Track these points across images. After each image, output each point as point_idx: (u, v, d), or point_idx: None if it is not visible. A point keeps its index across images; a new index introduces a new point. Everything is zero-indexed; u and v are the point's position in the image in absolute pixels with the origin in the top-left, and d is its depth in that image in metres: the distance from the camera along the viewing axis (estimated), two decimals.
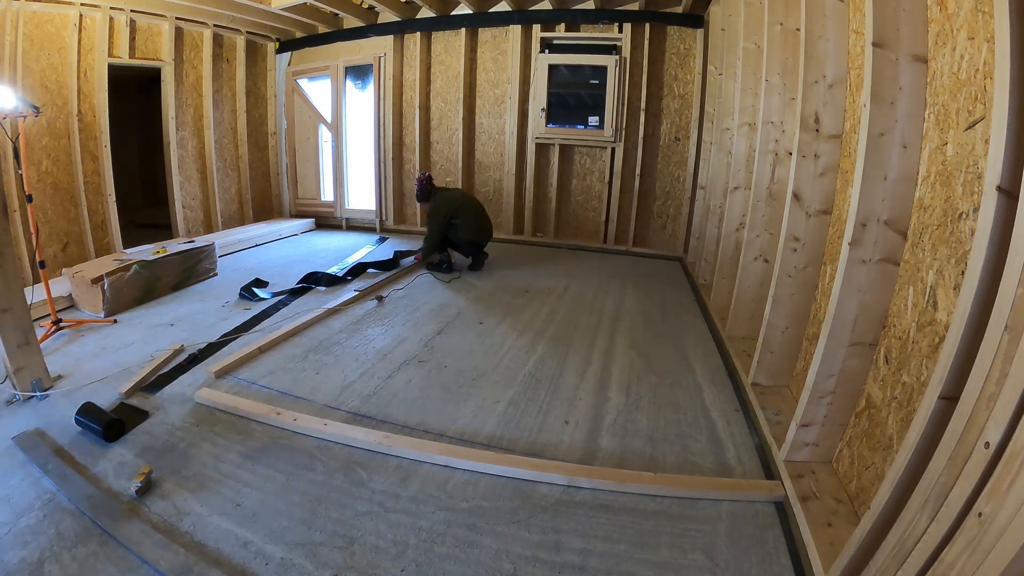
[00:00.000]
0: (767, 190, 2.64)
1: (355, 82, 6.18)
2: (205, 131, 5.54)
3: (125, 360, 2.63)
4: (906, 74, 1.44)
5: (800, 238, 2.13)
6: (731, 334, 2.92)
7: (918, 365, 1.36)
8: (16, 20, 3.86)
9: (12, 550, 1.43)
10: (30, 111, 2.85)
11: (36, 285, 3.19)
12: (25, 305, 2.26)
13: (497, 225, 5.98)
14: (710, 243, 4.03)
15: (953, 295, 1.24)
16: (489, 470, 1.84)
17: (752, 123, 3.12)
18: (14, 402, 2.22)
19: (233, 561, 1.44)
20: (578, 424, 2.18)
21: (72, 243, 4.39)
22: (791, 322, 2.21)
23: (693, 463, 1.94)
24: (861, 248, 1.53)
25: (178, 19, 5.02)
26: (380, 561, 1.45)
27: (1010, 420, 0.83)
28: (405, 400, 2.35)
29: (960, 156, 1.26)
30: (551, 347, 2.96)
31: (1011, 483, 0.80)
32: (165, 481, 1.75)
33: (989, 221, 0.97)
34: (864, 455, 1.57)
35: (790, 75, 2.49)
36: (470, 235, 4.46)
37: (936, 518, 0.96)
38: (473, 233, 4.46)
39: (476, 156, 5.94)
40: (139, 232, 5.37)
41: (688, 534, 1.57)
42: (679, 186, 5.32)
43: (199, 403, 2.25)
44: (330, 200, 6.49)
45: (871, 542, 1.17)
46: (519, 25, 5.35)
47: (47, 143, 4.18)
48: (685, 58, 5.05)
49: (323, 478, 1.80)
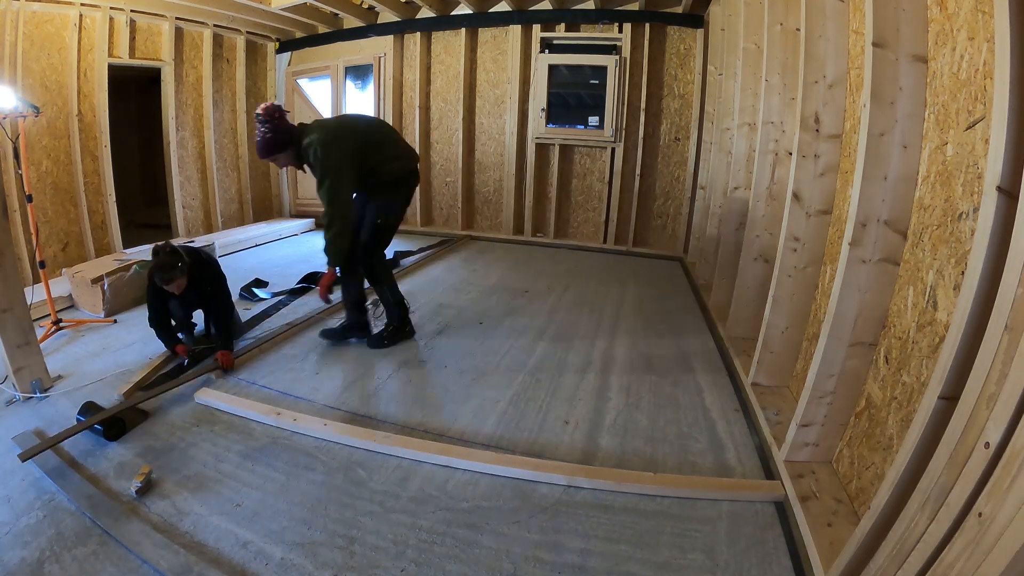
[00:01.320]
0: (767, 190, 2.64)
1: (355, 82, 6.18)
2: (205, 131, 5.54)
3: (125, 360, 2.63)
4: (906, 74, 1.44)
5: (800, 238, 2.13)
6: (731, 334, 2.92)
7: (918, 365, 1.36)
8: (16, 20, 3.86)
9: (12, 550, 1.43)
10: (30, 111, 2.85)
11: (36, 285, 3.19)
12: (25, 305, 2.26)
13: (497, 225, 6.01)
14: (710, 243, 4.04)
15: (953, 295, 1.24)
16: (489, 470, 1.84)
17: (752, 123, 3.12)
18: (14, 402, 2.22)
19: (233, 561, 1.44)
20: (578, 424, 2.18)
21: (72, 243, 4.39)
22: (791, 322, 2.21)
23: (693, 463, 1.94)
24: (861, 248, 1.53)
25: (178, 19, 5.02)
26: (380, 561, 1.45)
27: (1010, 420, 0.83)
28: (405, 400, 2.35)
29: (960, 156, 1.26)
30: (551, 347, 2.96)
31: (1011, 483, 0.80)
32: (165, 481, 1.75)
33: (989, 221, 0.97)
34: (864, 455, 1.57)
35: (790, 75, 2.49)
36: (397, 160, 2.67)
37: (936, 518, 0.96)
38: (399, 156, 2.69)
39: (476, 156, 5.94)
40: (139, 232, 5.37)
41: (688, 534, 1.57)
42: (679, 186, 5.32)
43: (199, 403, 2.25)
44: None
45: (871, 542, 1.17)
46: (519, 25, 5.35)
47: (47, 143, 4.18)
48: (685, 58, 5.05)
49: (323, 478, 1.80)
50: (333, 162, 2.43)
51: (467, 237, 5.93)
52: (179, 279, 2.44)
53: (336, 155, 2.44)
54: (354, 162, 2.49)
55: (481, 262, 4.94)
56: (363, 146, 2.53)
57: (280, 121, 2.46)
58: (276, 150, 2.48)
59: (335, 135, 2.49)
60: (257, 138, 2.47)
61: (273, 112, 2.45)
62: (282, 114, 2.48)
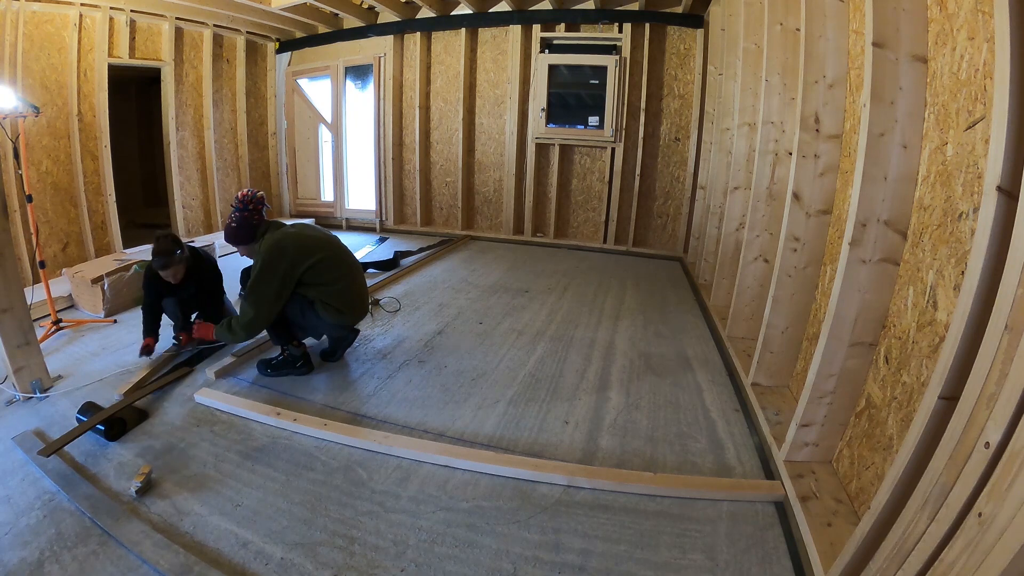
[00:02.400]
0: (767, 190, 2.64)
1: (355, 82, 6.19)
2: (205, 131, 5.54)
3: (125, 360, 2.63)
4: (906, 74, 1.44)
5: (800, 238, 2.13)
6: (731, 334, 2.92)
7: (918, 365, 1.36)
8: (16, 20, 3.86)
9: (12, 550, 1.43)
10: (30, 111, 2.85)
11: (36, 285, 3.19)
12: (25, 305, 2.26)
13: (497, 225, 6.01)
14: (710, 243, 4.04)
15: (953, 295, 1.24)
16: (489, 470, 1.84)
17: (752, 123, 3.12)
18: (14, 402, 2.22)
19: (233, 561, 1.44)
20: (578, 424, 2.18)
21: (72, 243, 4.39)
22: (791, 322, 2.21)
23: (693, 463, 1.94)
24: (861, 248, 1.53)
25: (178, 19, 5.02)
26: (380, 561, 1.45)
27: (1010, 420, 0.83)
28: (405, 400, 2.35)
29: (960, 156, 1.26)
30: (551, 347, 2.96)
31: (1011, 483, 0.80)
32: (165, 481, 1.75)
33: (989, 221, 0.97)
34: (864, 455, 1.57)
35: (790, 75, 2.49)
36: (342, 311, 2.47)
37: (936, 518, 0.96)
38: (348, 307, 2.50)
39: (476, 156, 5.94)
40: (139, 232, 5.37)
41: (688, 534, 1.57)
42: (679, 186, 5.32)
43: (199, 403, 2.25)
44: (330, 200, 6.50)
45: (871, 542, 1.17)
46: (519, 25, 5.35)
47: (47, 143, 4.17)
48: (685, 58, 5.05)
49: (323, 478, 1.80)
50: (269, 271, 2.27)
51: (467, 237, 5.93)
52: (176, 266, 2.45)
53: (273, 265, 2.27)
54: (288, 281, 2.32)
55: (481, 262, 4.94)
56: (306, 266, 2.34)
57: (252, 215, 2.36)
58: (245, 239, 2.39)
59: (283, 238, 2.34)
60: (233, 219, 2.36)
61: (247, 202, 2.36)
62: (257, 207, 2.38)
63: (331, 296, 2.43)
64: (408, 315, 3.42)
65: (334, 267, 2.46)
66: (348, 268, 2.55)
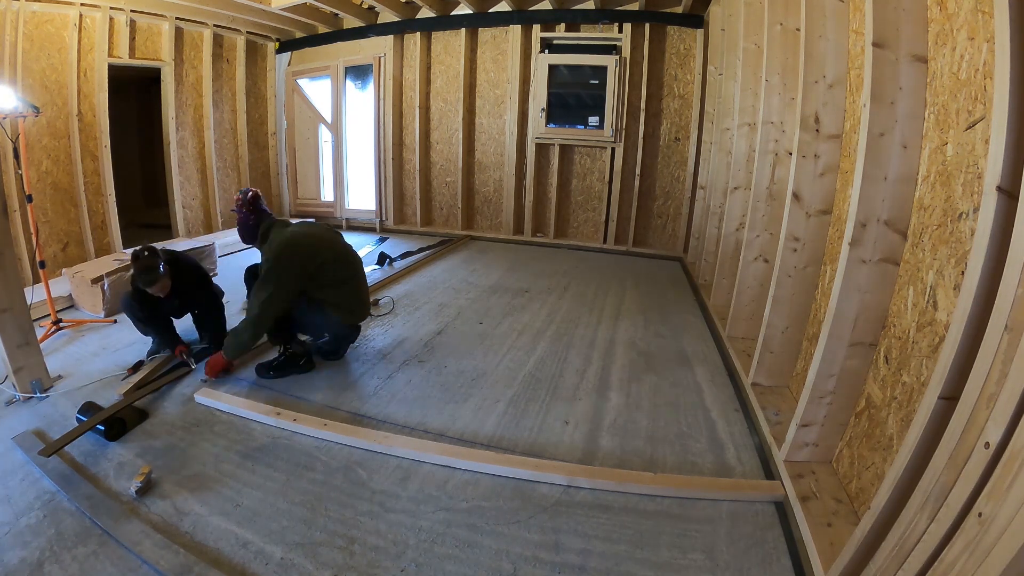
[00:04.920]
0: (767, 190, 2.64)
1: (355, 82, 6.19)
2: (205, 131, 5.54)
3: (125, 360, 2.63)
4: (906, 74, 1.44)
5: (800, 238, 2.13)
6: (731, 334, 2.92)
7: (918, 365, 1.36)
8: (16, 20, 3.86)
9: (12, 550, 1.43)
10: (30, 111, 2.85)
11: (36, 285, 3.19)
12: (25, 305, 2.26)
13: (497, 225, 6.01)
14: (710, 243, 4.04)
15: (953, 295, 1.24)
16: (489, 470, 1.84)
17: (752, 123, 3.12)
18: (14, 402, 2.22)
19: (233, 561, 1.44)
20: (578, 424, 2.18)
21: (72, 243, 4.39)
22: (791, 322, 2.21)
23: (693, 463, 1.94)
24: (861, 248, 1.53)
25: (178, 19, 5.02)
26: (380, 561, 1.45)
27: (1010, 420, 0.83)
28: (405, 400, 2.35)
29: (960, 156, 1.26)
30: (551, 347, 2.96)
31: (1011, 483, 0.80)
32: (165, 481, 1.75)
33: (989, 221, 0.97)
34: (864, 455, 1.57)
35: (790, 75, 2.49)
36: (353, 311, 2.55)
37: (936, 518, 0.96)
38: (358, 305, 2.58)
39: (476, 156, 5.94)
40: (139, 232, 5.37)
41: (688, 534, 1.57)
42: (679, 186, 5.32)
43: (199, 403, 2.25)
44: (330, 200, 6.50)
45: (871, 542, 1.17)
46: (519, 25, 5.35)
47: (47, 143, 4.17)
48: (685, 58, 5.05)
49: (323, 478, 1.80)
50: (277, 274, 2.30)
51: (467, 237, 5.93)
52: (163, 280, 2.38)
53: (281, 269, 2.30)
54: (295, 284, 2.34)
55: (481, 262, 4.94)
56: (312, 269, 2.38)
57: (247, 216, 2.42)
58: (246, 242, 2.50)
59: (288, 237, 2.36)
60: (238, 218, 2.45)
61: (240, 205, 2.42)
62: (250, 207, 2.41)
63: (341, 296, 2.48)
64: (408, 315, 3.42)
65: (341, 267, 2.51)
66: (354, 267, 2.60)
